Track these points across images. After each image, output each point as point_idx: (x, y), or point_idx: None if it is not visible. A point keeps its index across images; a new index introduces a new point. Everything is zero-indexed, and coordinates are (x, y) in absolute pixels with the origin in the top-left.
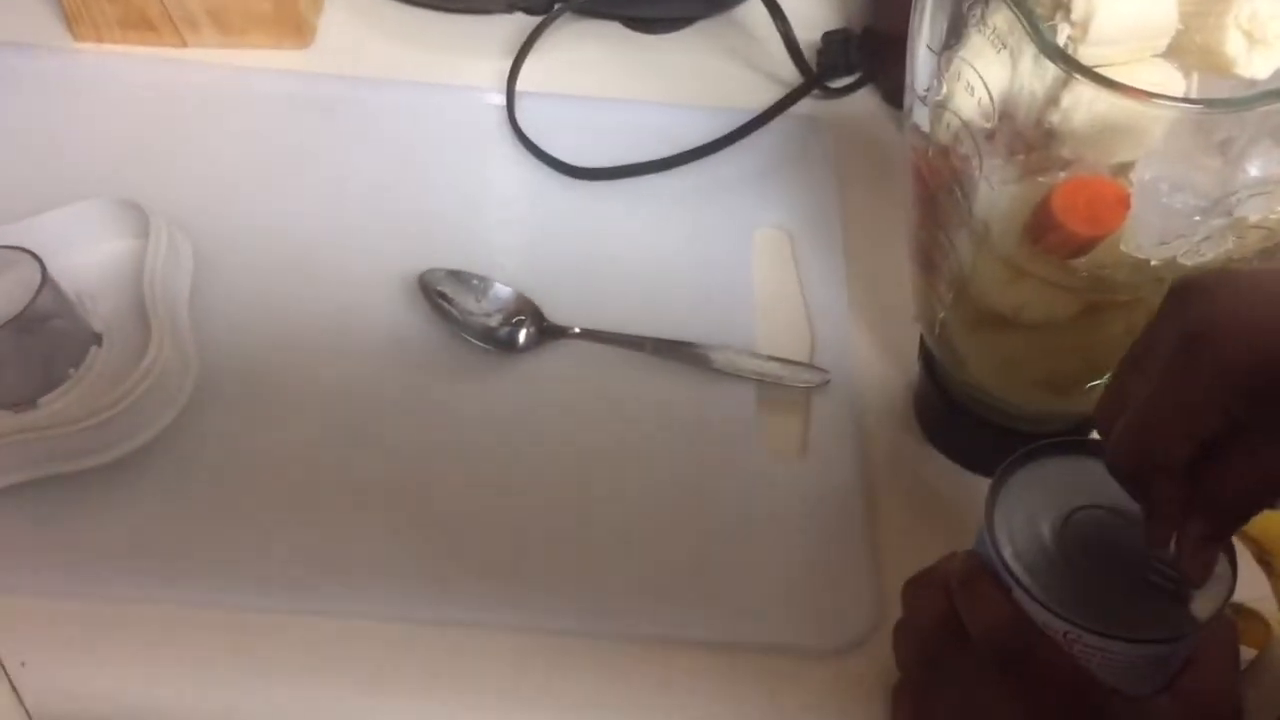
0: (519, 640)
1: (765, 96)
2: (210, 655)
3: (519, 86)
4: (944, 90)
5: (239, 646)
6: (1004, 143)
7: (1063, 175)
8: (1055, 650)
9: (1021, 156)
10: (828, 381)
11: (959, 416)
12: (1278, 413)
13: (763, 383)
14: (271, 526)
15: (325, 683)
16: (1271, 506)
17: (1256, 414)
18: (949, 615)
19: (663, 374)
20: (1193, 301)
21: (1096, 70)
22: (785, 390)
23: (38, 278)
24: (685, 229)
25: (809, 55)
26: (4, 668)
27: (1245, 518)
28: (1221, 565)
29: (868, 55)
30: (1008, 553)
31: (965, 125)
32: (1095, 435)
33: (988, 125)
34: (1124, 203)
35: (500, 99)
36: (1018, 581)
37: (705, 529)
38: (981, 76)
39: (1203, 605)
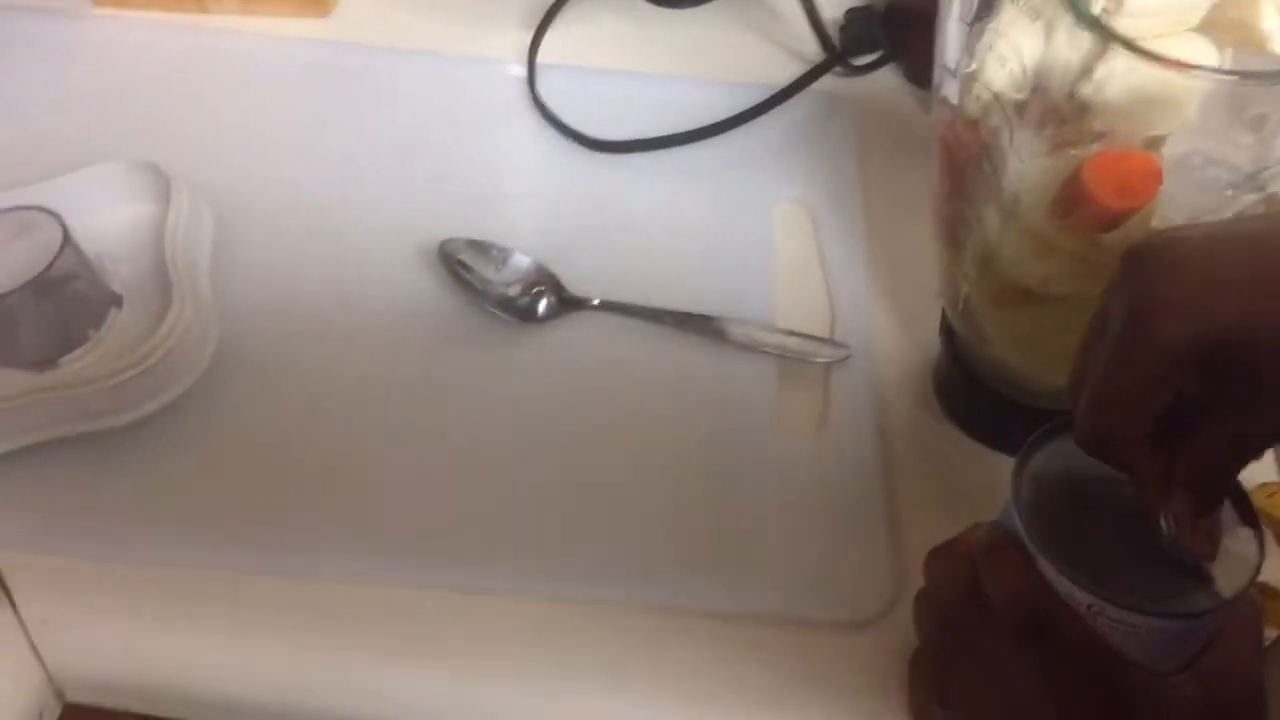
0: (536, 608)
1: (787, 72)
2: (229, 616)
3: (540, 59)
4: (975, 62)
5: (258, 607)
6: (1036, 115)
7: (1094, 148)
8: (1077, 623)
9: (1053, 129)
10: (848, 357)
11: (980, 393)
12: (1231, 386)
13: (782, 357)
14: (290, 490)
15: (344, 646)
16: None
17: (1209, 389)
18: (971, 585)
19: (682, 347)
20: (1137, 273)
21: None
22: (805, 365)
23: (59, 238)
24: (706, 203)
25: (831, 32)
26: (25, 626)
27: (1226, 485)
28: (1248, 544)
29: (891, 33)
30: (1034, 524)
31: (996, 97)
32: None
33: (1020, 97)
34: (1156, 177)
35: (521, 71)
36: (1042, 552)
37: (724, 502)
38: (1015, 47)
39: (1228, 583)
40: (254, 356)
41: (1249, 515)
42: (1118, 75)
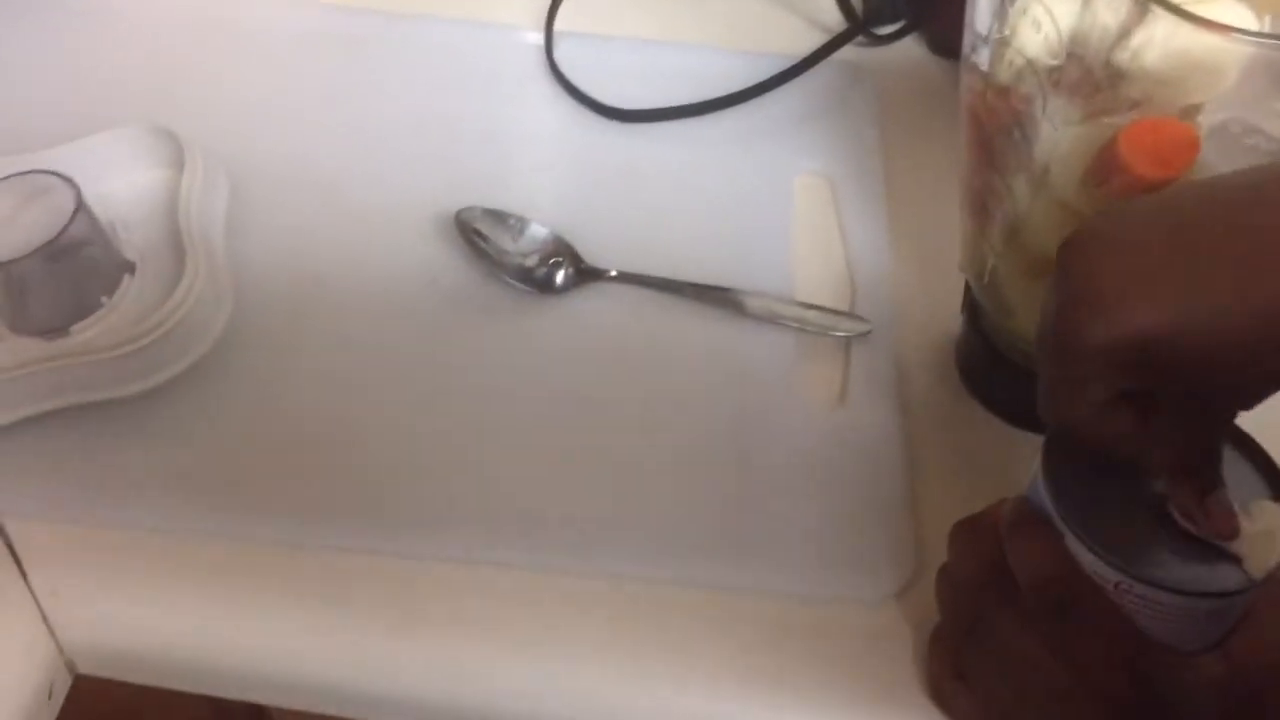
0: (553, 582)
1: (808, 42)
2: (242, 588)
3: (557, 26)
4: (1007, 28)
5: (271, 578)
6: (1070, 82)
7: (1130, 116)
8: (1103, 600)
9: (1088, 96)
10: (869, 331)
11: (1003, 368)
12: (1171, 381)
13: (801, 331)
14: (304, 461)
15: (358, 617)
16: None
17: (1147, 384)
18: (996, 560)
19: (700, 319)
20: (1066, 267)
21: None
22: (824, 339)
23: (72, 204)
24: (725, 174)
25: (854, 1)
26: (35, 597)
27: (1211, 462)
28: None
29: (914, 2)
30: (1062, 499)
31: (1030, 63)
32: None
33: (1054, 63)
34: (1193, 145)
35: (539, 38)
36: (1070, 528)
37: (742, 476)
38: (1050, 11)
39: (1258, 562)
40: (268, 325)
41: None
42: (1157, 41)
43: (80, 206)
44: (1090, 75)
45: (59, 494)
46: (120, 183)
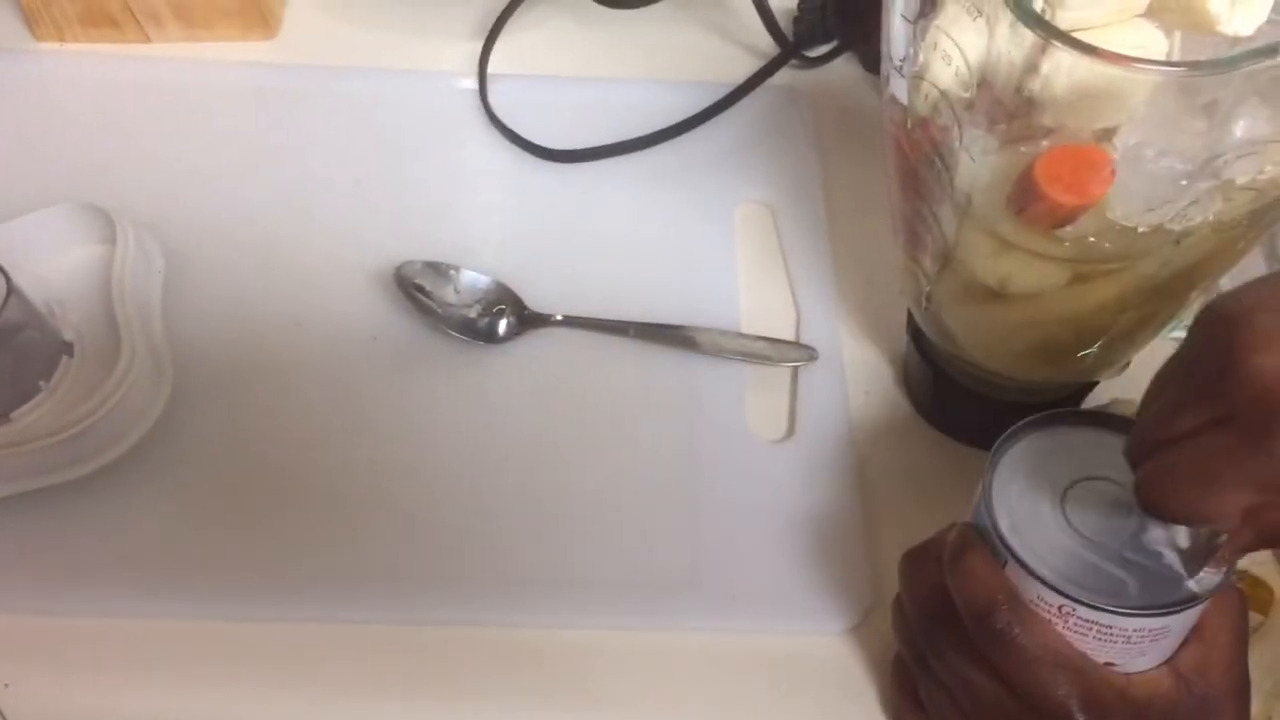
0: (510, 636)
1: (742, 69)
2: (195, 667)
3: (491, 69)
4: (921, 60)
5: (224, 657)
6: (984, 112)
7: (1045, 144)
8: (1041, 628)
9: (1002, 126)
10: (815, 358)
11: (949, 389)
12: None
13: (750, 363)
14: (251, 534)
15: (315, 687)
16: None
17: None
18: (943, 588)
19: (648, 358)
20: (1225, 364)
21: (1074, 35)
22: (773, 369)
23: (3, 289)
24: (666, 208)
25: (784, 24)
26: None
27: None
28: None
29: (845, 22)
30: (1004, 525)
31: (944, 95)
32: (1094, 405)
33: (966, 95)
34: (1109, 170)
35: (472, 83)
36: (1012, 554)
37: (697, 514)
38: (958, 45)
39: (1205, 577)
40: (210, 396)
41: None
42: (1063, 70)
43: (11, 291)
44: (1002, 105)
45: (5, 582)
46: (54, 262)
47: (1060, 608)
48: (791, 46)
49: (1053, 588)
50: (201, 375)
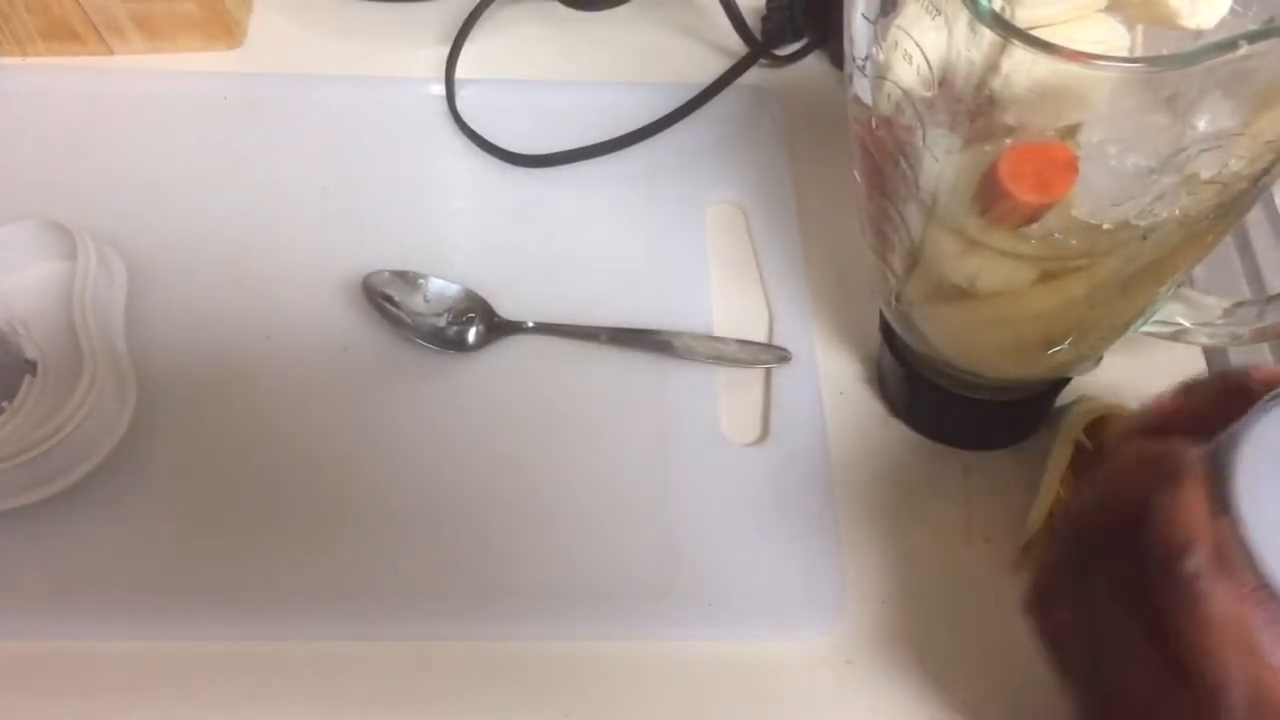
0: (485, 650)
1: (711, 69)
2: (167, 688)
3: (459, 74)
4: (882, 60)
5: (197, 677)
6: (946, 111)
7: (1008, 142)
8: (1231, 595)
9: (965, 125)
10: (788, 360)
11: (922, 387)
12: None
13: (723, 366)
14: (222, 552)
15: (280, 711)
16: None
17: None
18: (1148, 499)
19: (621, 363)
20: None
21: (1033, 33)
22: (746, 371)
23: None
24: (636, 211)
25: (753, 23)
26: None
27: None
28: None
29: (813, 19)
30: (1242, 479)
31: (906, 95)
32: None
33: (928, 94)
34: (1072, 167)
35: (440, 89)
36: (1235, 513)
37: (671, 521)
38: (919, 44)
39: None
40: (175, 412)
41: None
42: (1024, 68)
43: None
44: (963, 104)
45: None
46: (14, 280)
47: (1258, 590)
48: (760, 45)
49: (1260, 569)
50: (168, 391)
